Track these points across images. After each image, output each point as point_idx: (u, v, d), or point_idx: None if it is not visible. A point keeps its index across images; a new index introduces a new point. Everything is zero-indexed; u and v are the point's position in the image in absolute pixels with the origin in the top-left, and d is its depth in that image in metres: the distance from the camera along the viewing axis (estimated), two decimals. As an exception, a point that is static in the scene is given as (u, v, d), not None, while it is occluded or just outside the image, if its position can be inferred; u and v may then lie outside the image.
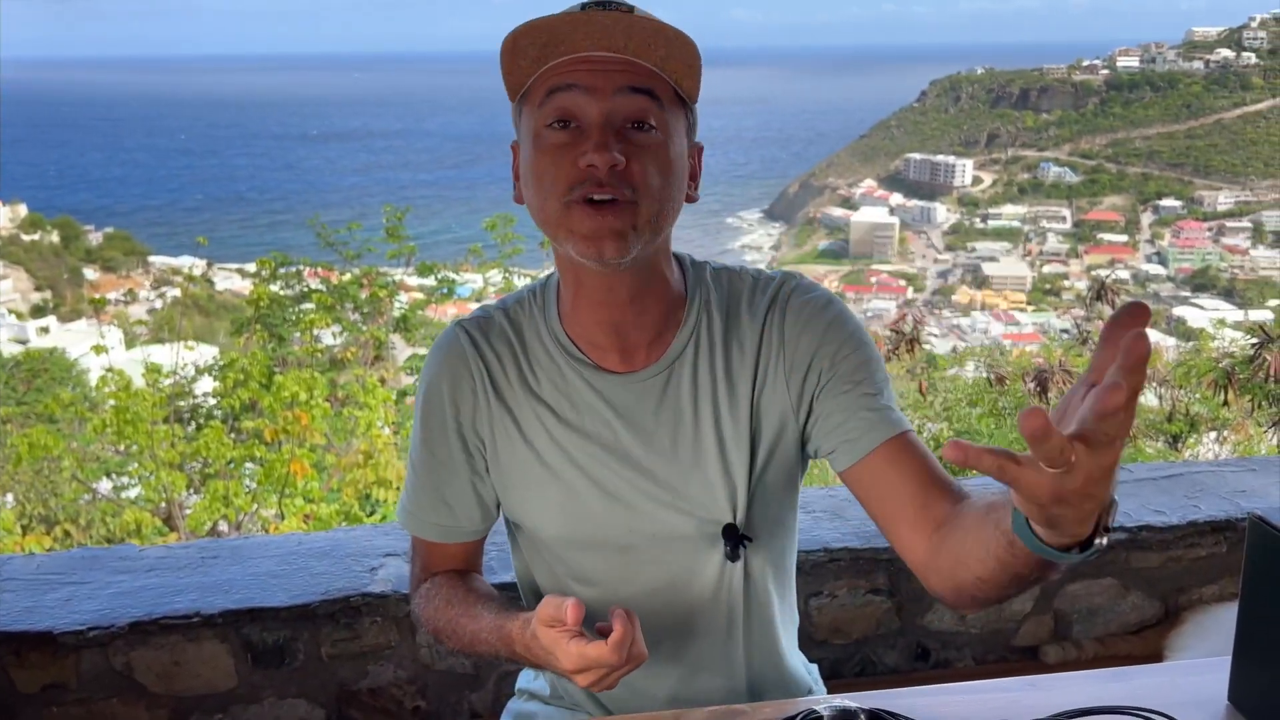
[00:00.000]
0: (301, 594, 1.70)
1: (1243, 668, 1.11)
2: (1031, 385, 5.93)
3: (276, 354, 9.54)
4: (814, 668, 1.50)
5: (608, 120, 1.04)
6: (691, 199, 1.16)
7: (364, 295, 10.13)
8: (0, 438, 9.51)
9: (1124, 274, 45.26)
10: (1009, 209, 61.98)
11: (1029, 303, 48.18)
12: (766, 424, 1.18)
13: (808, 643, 1.82)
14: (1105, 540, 0.82)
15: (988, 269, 53.61)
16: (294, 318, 10.45)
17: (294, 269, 11.25)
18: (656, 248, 1.12)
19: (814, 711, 1.06)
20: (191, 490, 7.84)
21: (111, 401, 6.90)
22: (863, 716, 1.06)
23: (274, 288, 11.11)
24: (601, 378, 1.16)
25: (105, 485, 8.72)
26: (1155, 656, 1.84)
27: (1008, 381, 6.28)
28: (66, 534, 8.22)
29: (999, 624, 1.89)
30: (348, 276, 10.56)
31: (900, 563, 1.20)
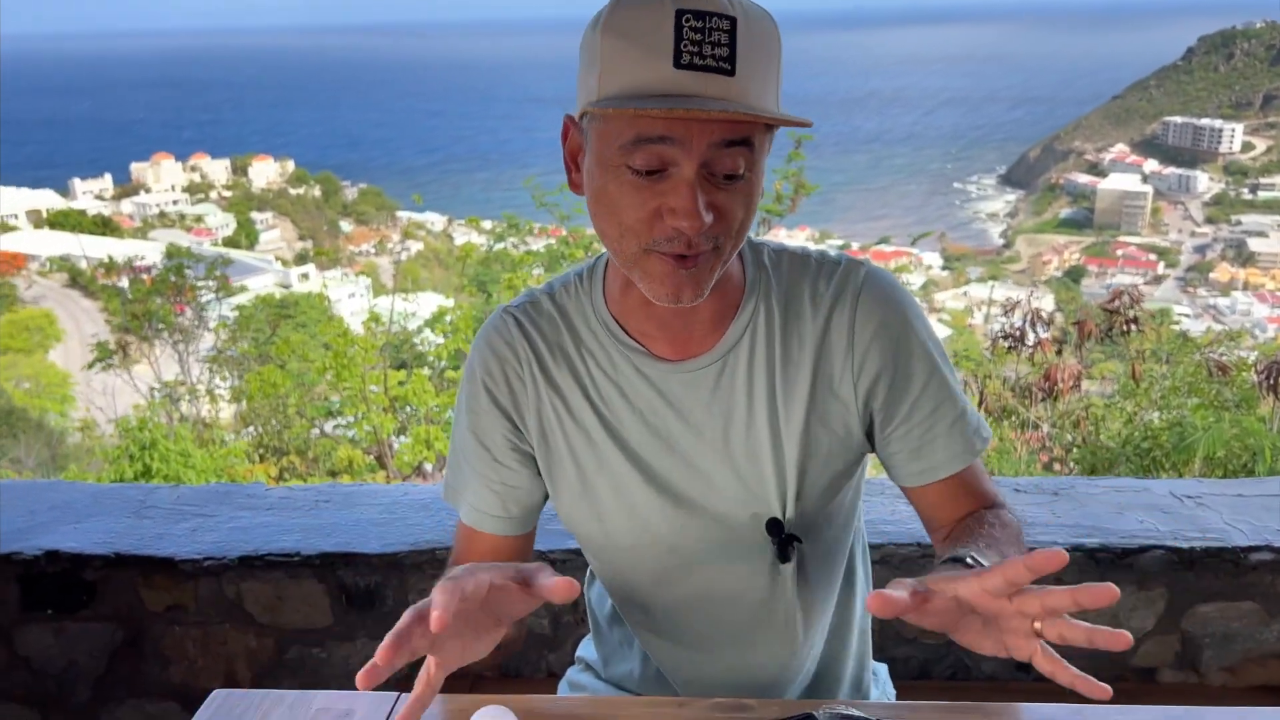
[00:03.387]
0: (394, 543, 1.78)
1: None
2: (1261, 377, 5.33)
3: (485, 309, 10.01)
4: (882, 668, 1.43)
5: (700, 177, 0.95)
6: None
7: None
8: (243, 372, 10.54)
9: None
10: (1284, 178, 55.70)
11: (1301, 283, 43.28)
12: (824, 421, 1.12)
13: (895, 640, 1.73)
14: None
15: (1254, 245, 48.44)
16: (504, 278, 10.94)
17: (523, 229, 11.73)
18: None
19: (811, 715, 1.01)
20: (400, 433, 8.39)
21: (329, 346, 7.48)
22: (863, 726, 1.00)
23: (502, 246, 11.65)
24: (653, 365, 1.11)
25: (330, 425, 9.48)
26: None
27: (1231, 372, 5.67)
28: (292, 465, 9.02)
29: (1115, 640, 1.73)
30: (563, 236, 10.93)
31: None
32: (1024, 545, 1.08)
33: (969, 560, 0.94)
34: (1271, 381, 5.34)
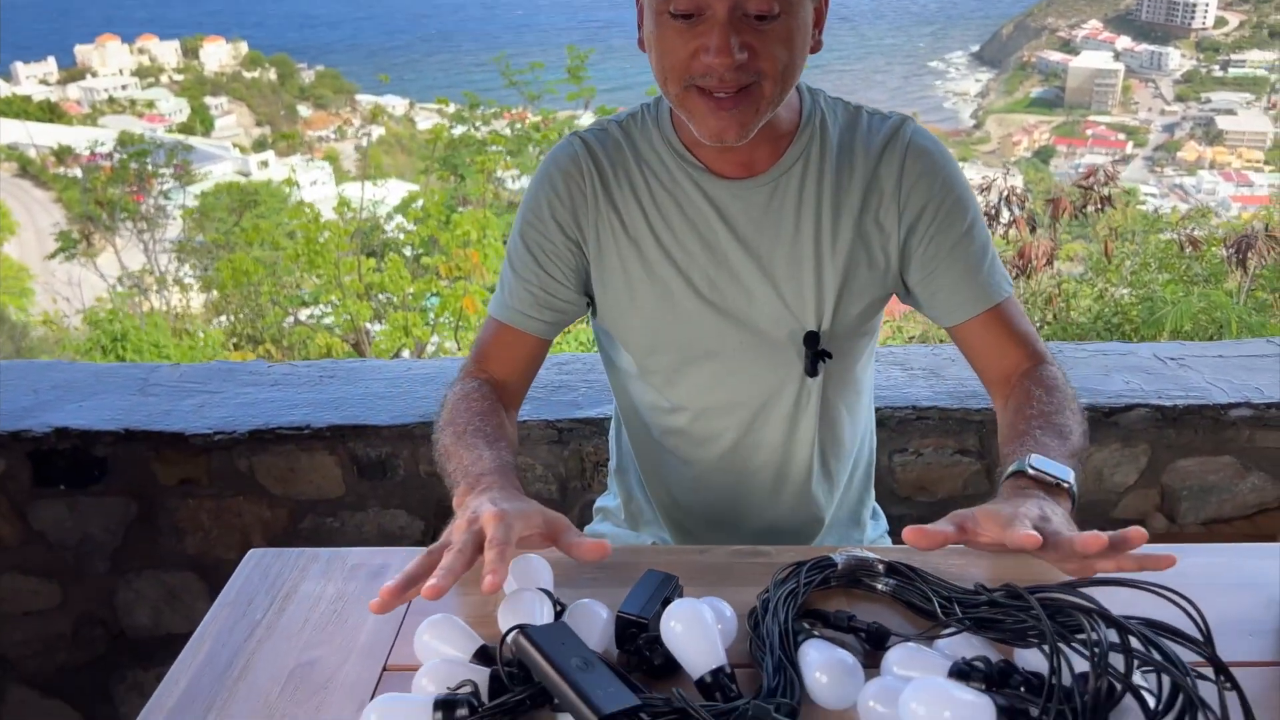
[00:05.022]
0: (403, 415, 1.81)
1: (1308, 553, 1.03)
2: (1230, 251, 5.42)
3: (457, 193, 9.87)
4: (881, 514, 1.50)
5: (731, 17, 1.05)
6: (815, 48, 1.16)
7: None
8: (214, 261, 10.39)
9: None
10: (1255, 55, 55.14)
11: (1266, 162, 43.41)
12: (865, 252, 1.21)
13: (890, 498, 1.81)
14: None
15: (1222, 123, 48.38)
16: (478, 159, 10.75)
17: (490, 110, 11.46)
18: None
19: (829, 559, 1.06)
20: (377, 320, 8.36)
21: (300, 232, 7.39)
22: (880, 567, 1.05)
23: (463, 129, 11.39)
24: (711, 181, 1.20)
25: (305, 313, 9.42)
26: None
27: (1202, 246, 5.77)
28: (268, 354, 8.97)
29: (1098, 494, 1.81)
30: (532, 120, 10.69)
31: (993, 425, 1.27)
32: (1078, 408, 1.17)
33: (1031, 470, 1.04)
34: (1240, 255, 5.47)
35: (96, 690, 1.97)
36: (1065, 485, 1.05)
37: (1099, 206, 6.10)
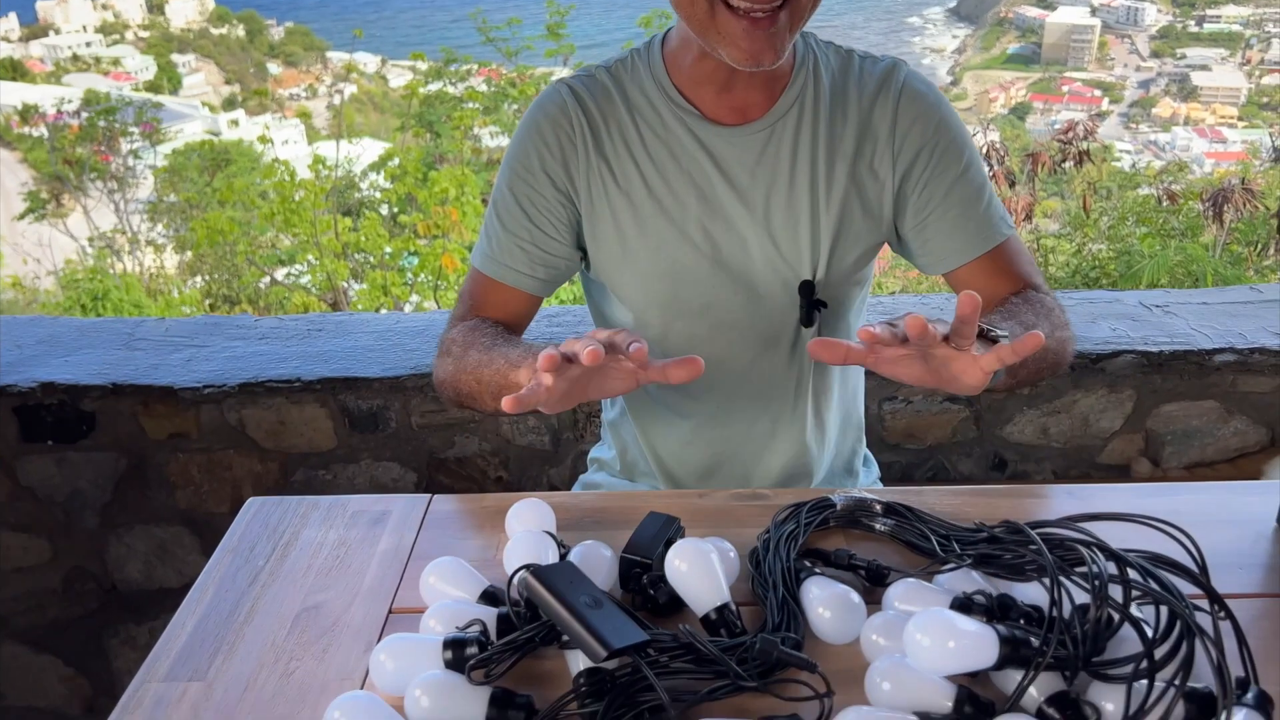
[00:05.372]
0: (394, 367, 1.81)
1: (1297, 489, 1.05)
2: (1206, 205, 5.46)
3: (433, 151, 9.76)
4: (873, 461, 1.52)
5: None
6: None
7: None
8: (187, 221, 10.26)
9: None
10: (1230, 10, 55.15)
11: (1240, 118, 43.60)
12: (859, 199, 1.20)
13: (879, 446, 1.83)
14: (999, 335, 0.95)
15: (1197, 79, 48.47)
16: (454, 116, 10.61)
17: (465, 67, 11.30)
18: None
19: (828, 500, 1.08)
20: (355, 279, 8.29)
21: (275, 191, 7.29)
22: (878, 507, 1.07)
23: (438, 86, 11.23)
24: (705, 127, 1.18)
25: (281, 273, 9.33)
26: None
27: (1179, 200, 5.81)
28: (244, 313, 8.89)
29: (1084, 439, 1.84)
30: (508, 75, 10.55)
31: None
32: (1056, 320, 1.15)
33: (983, 328, 0.97)
34: (1217, 209, 5.52)
35: (89, 645, 1.97)
36: (996, 335, 0.98)
37: (1077, 161, 6.12)
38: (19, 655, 1.98)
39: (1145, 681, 0.74)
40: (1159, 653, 0.76)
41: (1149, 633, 0.78)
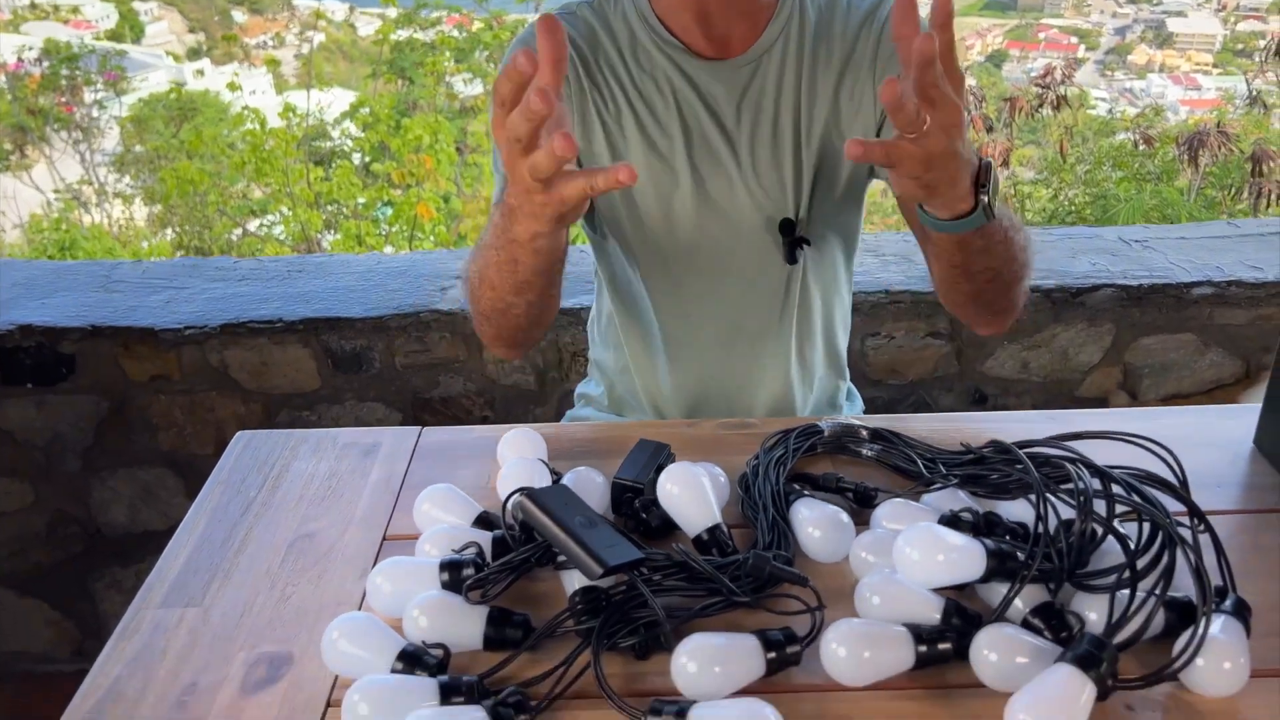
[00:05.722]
0: (376, 307, 1.80)
1: (1274, 408, 1.08)
2: (1182, 149, 5.49)
3: (406, 98, 9.61)
4: (857, 395, 1.53)
5: None
6: None
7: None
8: (155, 173, 10.08)
9: (1333, 32, 40.19)
10: (1208, -45, 54.94)
11: (1215, 65, 43.61)
12: (839, 133, 1.19)
13: (861, 381, 1.84)
14: (985, 197, 0.93)
15: (1173, 25, 48.30)
16: (427, 62, 10.42)
17: (435, 14, 11.10)
18: None
19: (816, 426, 1.09)
20: (329, 230, 8.20)
21: (247, 140, 7.16)
22: (864, 433, 1.08)
23: (408, 33, 11.04)
24: (690, 61, 1.17)
25: (254, 224, 9.20)
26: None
27: (1155, 144, 5.83)
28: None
29: (1064, 373, 1.86)
30: (479, 24, 10.38)
31: (927, 267, 1.22)
32: (1026, 248, 1.10)
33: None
34: (1192, 153, 5.56)
35: (76, 589, 1.98)
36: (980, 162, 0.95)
37: (1055, 105, 6.12)
38: (4, 600, 1.98)
39: (1127, 592, 0.76)
40: (1141, 563, 0.78)
41: (1131, 545, 0.80)
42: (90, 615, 2.00)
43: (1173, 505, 0.83)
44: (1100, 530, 0.81)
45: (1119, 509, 0.82)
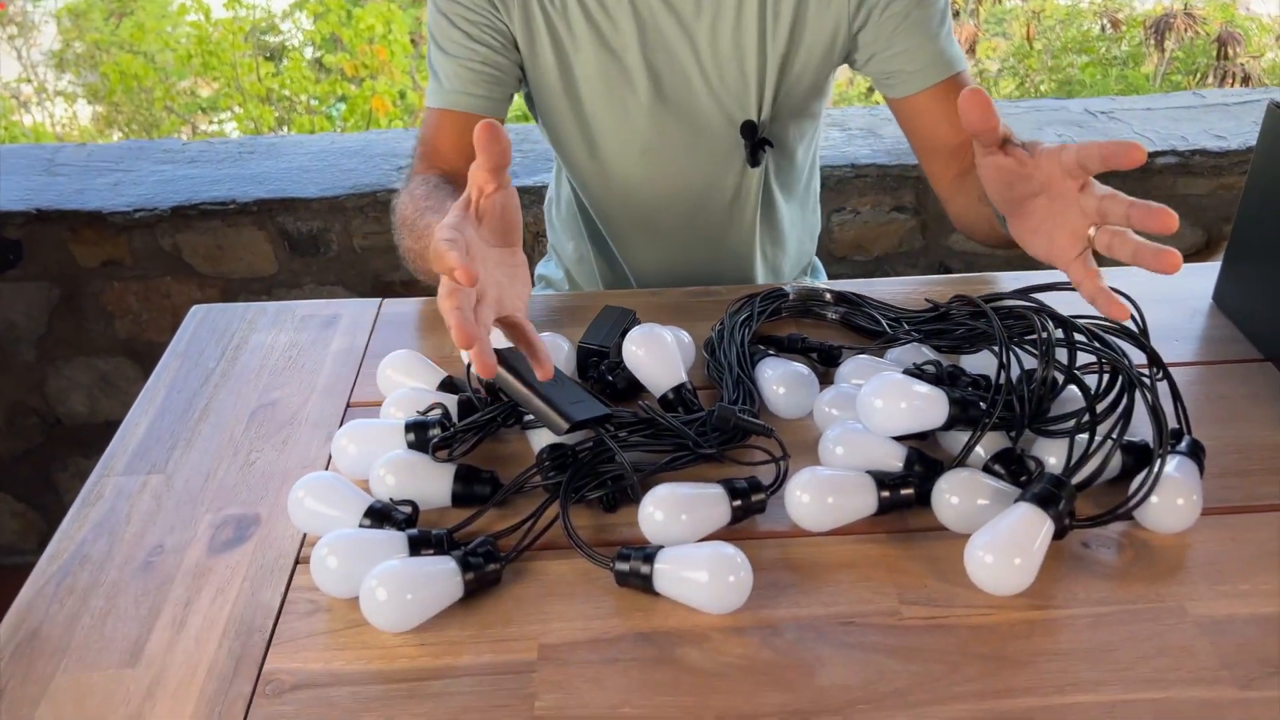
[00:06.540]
0: (331, 187, 1.76)
1: (1232, 266, 1.09)
2: (1149, 32, 5.43)
3: (358, -14, 9.27)
4: (821, 270, 1.53)
5: None
6: None
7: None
8: (97, 70, 9.70)
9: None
10: None
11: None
12: (812, 28, 1.12)
13: (827, 258, 1.84)
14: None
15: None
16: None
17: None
18: None
19: (781, 290, 1.08)
20: (282, 126, 7.98)
21: (192, 31, 6.90)
22: (829, 295, 1.08)
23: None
24: None
25: (204, 124, 8.93)
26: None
27: (1122, 27, 5.76)
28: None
29: (1027, 248, 1.87)
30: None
31: (929, 182, 1.23)
32: None
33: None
34: (1159, 37, 5.50)
35: (39, 480, 1.96)
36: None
37: (1023, -12, 6.01)
38: (-33, 493, 1.97)
39: (1086, 436, 0.77)
40: (1100, 408, 0.79)
41: (1091, 391, 0.81)
42: (56, 506, 1.99)
43: (1135, 359, 0.84)
44: (1062, 378, 0.82)
45: (1081, 361, 0.83)
